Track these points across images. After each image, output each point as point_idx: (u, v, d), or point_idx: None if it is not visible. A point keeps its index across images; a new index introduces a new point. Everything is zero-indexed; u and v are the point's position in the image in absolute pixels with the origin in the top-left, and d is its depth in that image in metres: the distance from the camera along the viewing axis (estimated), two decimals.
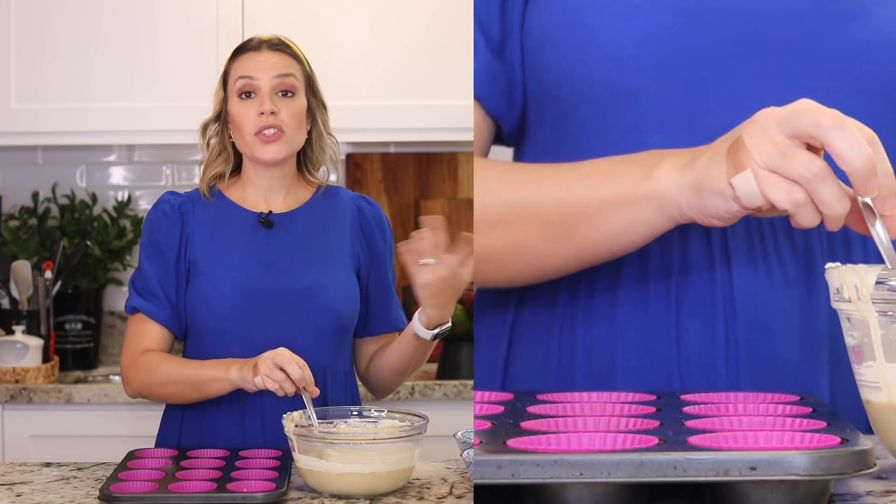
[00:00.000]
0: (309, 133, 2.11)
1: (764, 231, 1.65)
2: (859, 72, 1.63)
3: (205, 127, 2.13)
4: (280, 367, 1.86)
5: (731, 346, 1.63)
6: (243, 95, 2.06)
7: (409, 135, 3.24)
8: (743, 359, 1.63)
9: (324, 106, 2.15)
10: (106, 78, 3.12)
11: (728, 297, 1.64)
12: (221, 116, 2.11)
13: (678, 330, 1.64)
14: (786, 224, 1.64)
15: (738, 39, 1.62)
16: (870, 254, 1.65)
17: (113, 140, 3.33)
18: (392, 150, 3.48)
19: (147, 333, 2.05)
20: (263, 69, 2.06)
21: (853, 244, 1.66)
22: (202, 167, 2.14)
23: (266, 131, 2.03)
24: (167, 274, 2.05)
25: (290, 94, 2.06)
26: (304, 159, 2.13)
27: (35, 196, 3.40)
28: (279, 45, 2.10)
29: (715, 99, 1.63)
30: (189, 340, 2.08)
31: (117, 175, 3.50)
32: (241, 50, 2.11)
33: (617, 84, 1.62)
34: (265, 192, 2.10)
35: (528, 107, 1.76)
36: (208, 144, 2.13)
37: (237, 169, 2.13)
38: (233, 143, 2.10)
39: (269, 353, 1.89)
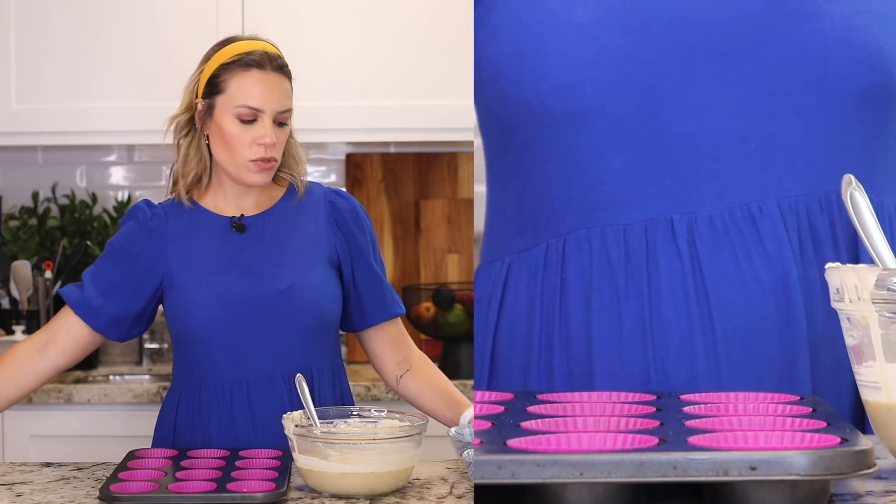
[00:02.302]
0: None
1: (733, 239, 1.65)
2: (816, 72, 1.63)
3: (177, 125, 2.06)
4: None
5: (711, 361, 1.63)
6: (242, 121, 1.99)
7: (409, 135, 3.24)
8: (724, 372, 1.63)
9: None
10: (106, 78, 3.12)
11: (705, 311, 1.64)
12: (196, 116, 2.04)
13: (654, 348, 1.64)
14: (755, 230, 1.64)
15: (690, 51, 1.62)
16: (841, 254, 1.66)
17: (113, 140, 3.33)
18: (392, 150, 3.48)
19: (61, 324, 2.04)
20: (270, 101, 1.99)
21: (824, 244, 1.66)
22: (173, 171, 2.08)
23: (262, 161, 2.00)
24: (111, 273, 2.03)
25: (286, 124, 2.03)
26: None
27: (35, 196, 3.40)
28: (281, 66, 2.02)
29: (673, 112, 1.63)
30: (175, 350, 2.07)
31: (117, 175, 3.50)
32: (245, 64, 2.00)
33: (574, 108, 1.62)
34: (237, 198, 2.06)
35: (488, 137, 1.76)
36: (179, 144, 2.06)
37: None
38: (207, 145, 2.04)
39: None
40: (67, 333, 2.03)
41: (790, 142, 1.64)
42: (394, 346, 2.13)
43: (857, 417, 1.69)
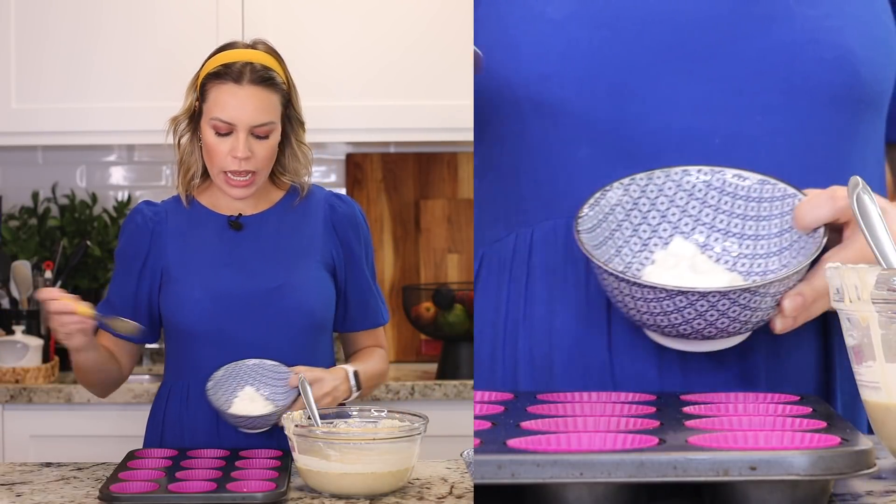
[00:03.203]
0: (280, 146, 2.07)
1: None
2: (785, 73, 1.64)
3: (175, 123, 2.08)
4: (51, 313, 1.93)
5: (661, 347, 1.64)
6: (218, 133, 2.00)
7: (409, 135, 3.24)
8: (675, 361, 1.63)
9: (299, 121, 2.09)
10: (106, 78, 3.12)
11: None
12: (193, 117, 2.06)
13: (609, 335, 1.65)
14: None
15: (660, 48, 1.64)
16: None
17: (113, 140, 3.34)
18: (392, 150, 3.48)
19: (100, 336, 2.10)
20: (243, 115, 1.99)
21: None
22: (176, 168, 2.10)
23: (237, 176, 2.01)
24: (128, 284, 2.08)
25: (266, 137, 2.02)
26: (275, 166, 2.09)
27: (35, 196, 3.40)
28: (263, 78, 2.00)
29: (640, 108, 1.64)
30: (167, 343, 2.11)
31: (117, 175, 3.50)
32: (223, 75, 2.00)
33: (542, 100, 1.64)
34: (234, 198, 2.07)
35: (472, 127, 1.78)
36: (179, 143, 2.08)
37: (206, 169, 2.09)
38: (200, 147, 2.06)
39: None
40: (117, 351, 2.10)
41: (755, 140, 1.65)
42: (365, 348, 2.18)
43: None
